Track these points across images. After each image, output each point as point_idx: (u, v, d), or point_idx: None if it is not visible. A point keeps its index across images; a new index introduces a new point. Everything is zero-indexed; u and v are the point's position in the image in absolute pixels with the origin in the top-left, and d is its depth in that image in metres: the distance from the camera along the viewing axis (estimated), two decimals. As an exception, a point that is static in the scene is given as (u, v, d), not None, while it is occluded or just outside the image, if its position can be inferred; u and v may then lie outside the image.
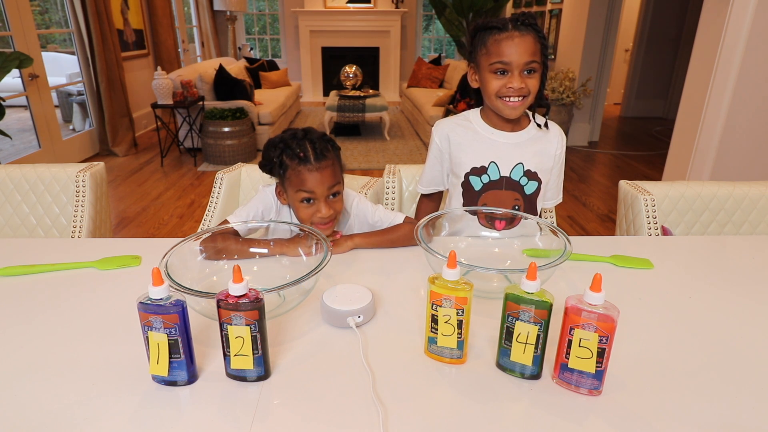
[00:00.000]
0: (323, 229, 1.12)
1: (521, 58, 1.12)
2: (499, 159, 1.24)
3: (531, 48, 1.12)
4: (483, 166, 1.25)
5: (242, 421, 0.64)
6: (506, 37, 1.12)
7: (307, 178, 1.08)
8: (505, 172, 1.24)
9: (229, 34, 7.15)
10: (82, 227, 1.39)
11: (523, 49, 1.11)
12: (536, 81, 1.15)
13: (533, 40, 1.12)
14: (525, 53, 1.12)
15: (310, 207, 1.10)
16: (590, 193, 3.76)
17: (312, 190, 1.08)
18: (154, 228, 3.08)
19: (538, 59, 1.13)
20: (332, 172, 1.10)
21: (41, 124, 3.83)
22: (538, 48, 1.13)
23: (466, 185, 1.27)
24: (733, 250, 1.17)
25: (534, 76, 1.15)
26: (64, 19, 4.38)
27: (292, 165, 1.09)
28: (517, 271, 0.82)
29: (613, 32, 4.68)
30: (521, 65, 1.12)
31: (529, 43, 1.12)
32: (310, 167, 1.07)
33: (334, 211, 1.11)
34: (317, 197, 1.09)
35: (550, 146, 1.27)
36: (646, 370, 0.74)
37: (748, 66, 2.26)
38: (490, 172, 1.25)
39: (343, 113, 5.12)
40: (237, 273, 0.67)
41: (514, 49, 1.11)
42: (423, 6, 7.89)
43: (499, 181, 1.25)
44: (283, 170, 1.11)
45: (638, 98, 6.53)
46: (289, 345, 0.80)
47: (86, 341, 0.80)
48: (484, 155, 1.24)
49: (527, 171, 1.24)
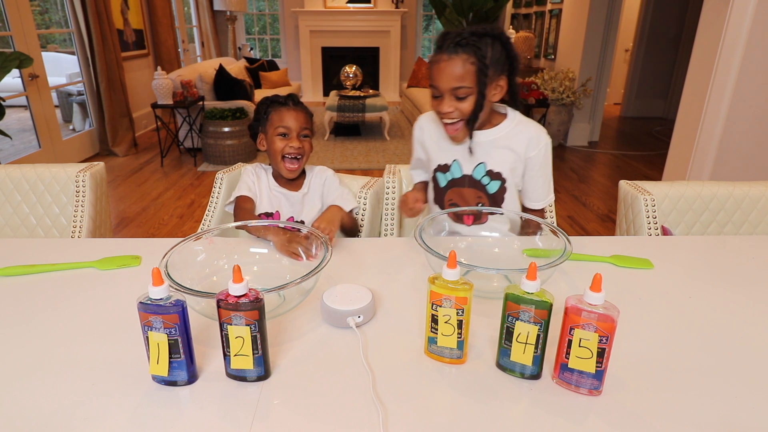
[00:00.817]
0: (290, 168, 1.33)
1: (447, 83, 1.10)
2: (462, 157, 1.25)
3: (458, 73, 1.08)
4: (447, 164, 1.27)
5: (242, 421, 0.64)
6: (435, 61, 1.11)
7: (285, 115, 1.32)
8: (467, 170, 1.26)
9: (229, 34, 7.15)
10: (82, 227, 1.39)
11: (448, 75, 1.09)
12: (469, 104, 1.12)
13: (463, 63, 1.08)
14: (451, 79, 1.09)
15: (284, 140, 1.32)
16: (590, 193, 3.76)
17: (288, 125, 1.31)
18: (154, 228, 3.08)
19: (469, 83, 1.09)
20: (305, 117, 1.35)
21: (41, 124, 3.83)
22: (470, 70, 1.08)
23: (434, 181, 1.32)
24: (733, 250, 1.17)
25: (467, 101, 1.12)
26: (64, 19, 4.38)
27: (274, 108, 1.34)
28: (517, 271, 0.82)
29: (613, 32, 4.68)
30: (449, 90, 1.11)
31: (455, 67, 1.08)
32: (288, 108, 1.33)
33: (302, 147, 1.33)
34: (291, 131, 1.32)
35: (519, 148, 1.22)
36: (646, 370, 0.74)
37: (748, 66, 2.26)
38: (453, 170, 1.27)
39: (343, 113, 5.12)
40: (237, 273, 0.67)
41: (441, 74, 1.10)
42: (423, 6, 7.89)
43: (462, 179, 1.27)
44: (267, 115, 1.35)
45: (638, 98, 6.53)
46: (289, 345, 0.80)
47: (86, 341, 0.80)
48: (449, 153, 1.27)
49: (489, 171, 1.24)
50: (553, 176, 1.31)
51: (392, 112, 6.69)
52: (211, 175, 4.05)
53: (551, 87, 4.65)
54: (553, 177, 1.31)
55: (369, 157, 4.65)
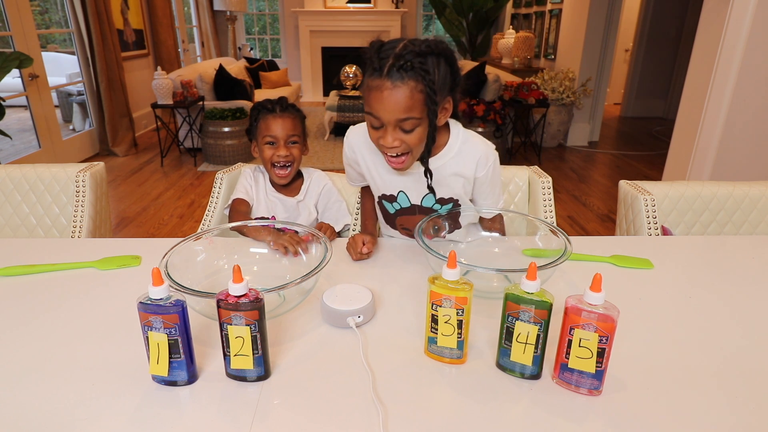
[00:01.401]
0: (280, 175, 1.34)
1: (392, 115, 0.93)
2: (408, 189, 1.14)
3: (405, 103, 0.91)
4: (392, 194, 1.16)
5: (242, 421, 0.64)
6: (377, 87, 0.92)
7: (271, 123, 1.33)
8: (415, 200, 1.15)
9: (229, 34, 7.15)
10: (82, 227, 1.39)
11: (393, 106, 0.92)
12: (417, 136, 0.96)
13: (410, 92, 0.90)
14: (396, 110, 0.92)
15: (271, 148, 1.33)
16: (590, 193, 3.76)
17: (274, 134, 1.32)
18: (154, 228, 3.08)
19: (417, 113, 0.93)
20: (293, 123, 1.34)
21: (41, 124, 3.83)
22: (418, 100, 0.91)
23: (381, 206, 1.22)
24: (733, 250, 1.17)
25: (414, 132, 0.96)
26: (64, 19, 4.38)
27: (263, 116, 1.35)
28: (517, 271, 0.82)
29: (613, 32, 4.68)
30: (393, 122, 0.94)
31: (402, 96, 0.91)
32: (274, 115, 1.33)
33: (290, 154, 1.34)
34: (278, 140, 1.32)
35: (468, 171, 1.10)
36: (646, 370, 0.74)
37: (748, 66, 2.26)
38: (399, 200, 1.16)
39: (343, 113, 5.12)
40: (237, 273, 0.67)
41: (383, 105, 0.92)
42: (423, 6, 7.89)
43: (411, 208, 1.17)
44: (257, 122, 1.36)
45: (638, 98, 6.52)
46: (289, 345, 0.80)
47: (86, 341, 0.80)
48: (393, 184, 1.14)
49: (440, 199, 1.13)
50: (553, 176, 1.30)
51: (392, 112, 6.67)
52: (211, 175, 4.05)
53: (551, 87, 4.65)
54: (553, 177, 1.30)
55: (369, 157, 4.65)
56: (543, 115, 4.55)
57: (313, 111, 6.81)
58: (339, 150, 4.85)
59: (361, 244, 1.08)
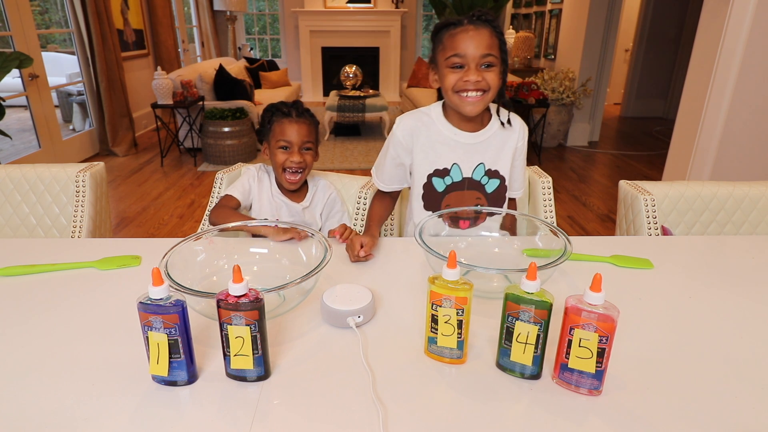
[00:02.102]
0: (291, 180, 1.33)
1: (477, 50, 1.08)
2: (461, 160, 1.22)
3: (487, 41, 1.08)
4: (446, 168, 1.23)
5: (242, 421, 0.64)
6: (461, 31, 1.09)
7: (287, 128, 1.31)
8: (467, 173, 1.23)
9: (229, 34, 7.15)
10: (82, 227, 1.39)
11: (478, 42, 1.08)
12: (495, 75, 1.11)
13: (489, 35, 1.09)
14: (480, 46, 1.08)
15: (285, 153, 1.32)
16: (590, 193, 3.76)
17: (289, 139, 1.31)
18: (154, 228, 3.08)
19: (496, 53, 1.10)
20: (308, 129, 1.33)
21: (41, 124, 3.83)
22: (495, 43, 1.10)
23: (428, 186, 1.25)
24: (733, 250, 1.17)
25: (492, 71, 1.10)
26: (64, 19, 4.38)
27: (278, 119, 1.33)
28: (517, 271, 0.82)
29: (613, 32, 4.68)
30: (477, 58, 1.08)
31: (484, 36, 1.08)
32: (290, 119, 1.32)
33: (303, 160, 1.32)
34: (292, 145, 1.31)
35: (512, 142, 1.24)
36: (646, 370, 0.74)
37: (748, 66, 2.26)
38: (452, 173, 1.23)
39: (343, 113, 5.12)
40: (237, 273, 0.67)
41: (469, 42, 1.08)
42: (423, 6, 7.89)
43: (462, 182, 1.24)
44: (271, 125, 1.34)
45: (638, 98, 6.52)
46: (289, 345, 0.80)
47: (86, 341, 0.80)
48: (447, 157, 1.22)
49: (488, 170, 1.23)
50: (553, 176, 1.32)
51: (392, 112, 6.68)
52: (211, 175, 4.05)
53: (551, 87, 4.65)
54: (553, 177, 1.32)
55: (369, 157, 4.65)
56: (543, 115, 4.55)
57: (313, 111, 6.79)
58: (339, 150, 4.85)
59: (359, 246, 1.07)
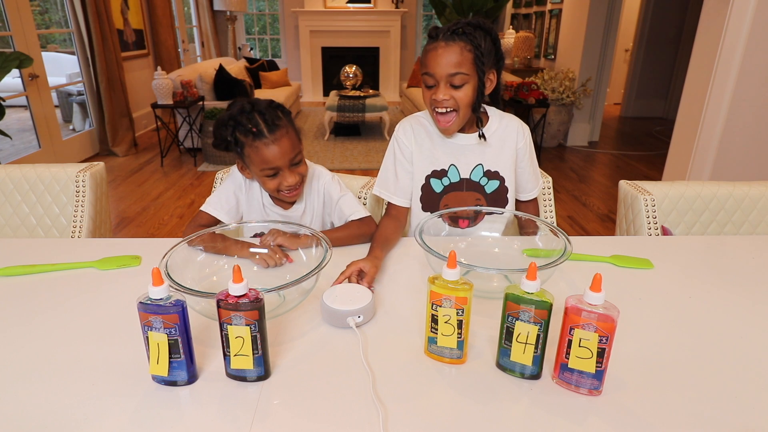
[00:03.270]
0: (291, 195, 1.17)
1: (444, 69, 1.07)
2: (458, 161, 1.23)
3: (455, 59, 1.06)
4: (443, 169, 1.24)
5: (242, 421, 0.64)
6: (432, 48, 1.09)
7: (266, 154, 1.09)
8: (464, 173, 1.24)
9: (229, 34, 7.15)
10: (82, 227, 1.39)
11: (446, 60, 1.07)
12: (466, 94, 1.10)
13: (460, 51, 1.06)
14: (448, 64, 1.07)
15: (275, 179, 1.13)
16: (590, 193, 3.76)
17: (274, 165, 1.10)
18: (154, 228, 3.08)
19: (467, 70, 1.07)
20: (289, 142, 1.12)
21: (41, 124, 3.83)
22: (467, 58, 1.07)
23: (426, 188, 1.26)
24: (733, 250, 1.17)
25: (462, 89, 1.09)
26: (64, 19, 4.38)
27: (248, 142, 1.10)
28: (517, 271, 0.82)
29: (613, 32, 4.68)
30: (445, 77, 1.08)
31: (454, 53, 1.06)
32: (266, 141, 1.09)
33: (299, 176, 1.15)
34: (281, 169, 1.12)
35: (510, 142, 1.24)
36: (646, 370, 0.74)
37: (748, 66, 2.26)
38: (450, 174, 1.24)
39: (343, 113, 5.12)
40: (237, 273, 0.67)
41: (438, 60, 1.07)
42: (423, 6, 7.89)
43: (460, 183, 1.24)
44: (240, 148, 1.12)
45: (638, 98, 6.52)
46: (289, 345, 0.80)
47: (86, 341, 0.80)
48: (444, 158, 1.23)
49: (487, 171, 1.24)
50: (553, 176, 1.32)
51: (392, 112, 6.68)
52: (211, 175, 4.05)
53: (551, 87, 4.65)
54: (553, 177, 1.32)
55: (369, 157, 4.65)
56: (543, 115, 4.55)
57: (313, 111, 6.81)
58: (339, 150, 4.85)
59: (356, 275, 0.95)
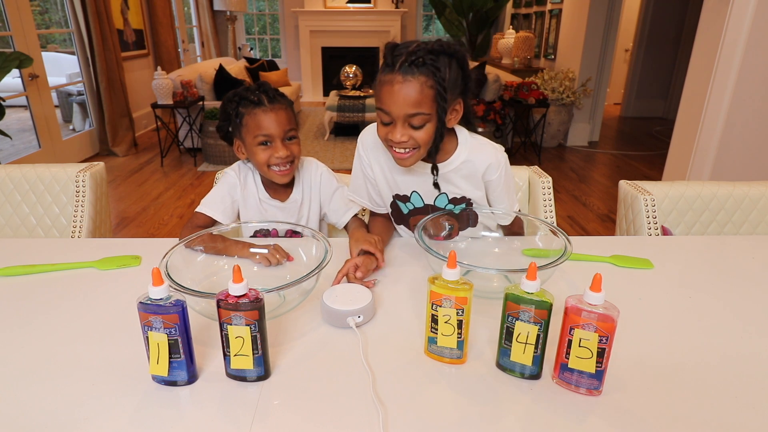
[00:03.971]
0: (282, 173, 1.17)
1: (401, 109, 0.93)
2: (421, 189, 1.14)
3: (414, 97, 0.92)
4: (405, 194, 1.16)
5: (242, 421, 0.64)
6: (387, 81, 0.93)
7: (263, 119, 1.12)
8: (428, 200, 1.15)
9: (229, 34, 7.15)
10: (82, 227, 1.39)
11: (403, 98, 0.92)
12: (426, 133, 0.97)
13: (420, 87, 0.91)
14: (406, 104, 0.93)
15: (267, 149, 1.14)
16: (590, 193, 3.76)
17: (268, 132, 1.12)
18: (154, 228, 3.08)
19: (427, 109, 0.93)
20: (287, 116, 1.15)
21: (41, 124, 3.83)
22: (428, 95, 0.92)
23: (395, 206, 1.20)
24: (733, 250, 1.17)
25: (423, 129, 0.96)
26: (64, 19, 4.38)
27: (248, 111, 1.13)
28: (517, 271, 0.82)
29: (613, 32, 4.68)
30: (402, 117, 0.95)
31: (413, 90, 0.91)
32: (264, 109, 1.12)
33: (290, 153, 1.15)
34: (273, 138, 1.13)
35: (478, 175, 1.11)
36: (646, 370, 0.74)
37: (748, 66, 2.26)
38: (413, 200, 1.16)
39: (343, 113, 5.12)
40: (237, 273, 0.67)
41: (393, 98, 0.93)
42: (423, 6, 7.89)
43: (425, 208, 1.16)
44: (240, 119, 1.14)
45: (638, 98, 6.52)
46: (289, 345, 0.80)
47: (86, 341, 0.80)
48: (406, 185, 1.14)
49: (453, 199, 1.14)
50: (553, 176, 1.30)
51: (392, 112, 6.67)
52: (211, 175, 4.05)
53: (551, 87, 4.65)
54: (553, 177, 1.30)
55: (369, 157, 4.65)
56: (543, 115, 4.55)
57: (313, 111, 6.81)
58: (339, 150, 4.85)
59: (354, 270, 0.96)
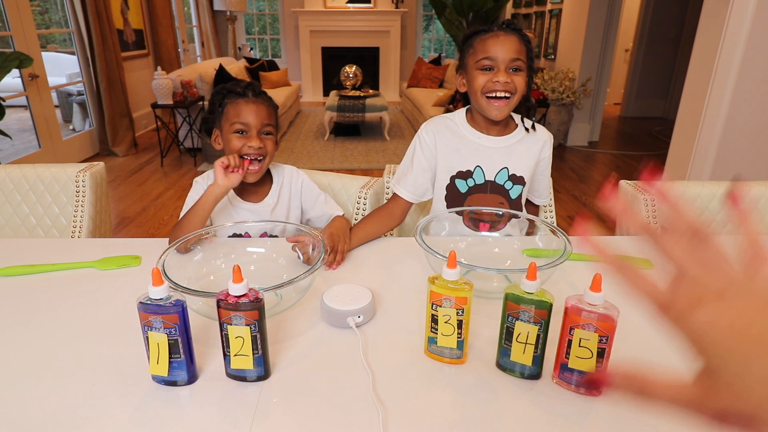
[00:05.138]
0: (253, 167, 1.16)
1: (506, 54, 1.14)
2: (485, 163, 1.24)
3: (516, 46, 1.14)
4: (468, 170, 1.25)
5: (242, 421, 0.64)
6: (492, 36, 1.15)
7: (243, 109, 1.15)
8: (490, 176, 1.25)
9: (229, 34, 7.15)
10: (82, 227, 1.39)
11: (507, 46, 1.14)
12: (522, 80, 1.16)
13: (518, 41, 1.15)
14: (510, 50, 1.14)
15: (241, 138, 1.15)
16: (590, 193, 3.76)
17: (245, 121, 1.15)
18: (154, 228, 3.08)
19: (523, 59, 1.15)
20: (267, 111, 1.18)
21: (41, 124, 3.83)
22: (523, 49, 1.16)
23: (451, 188, 1.27)
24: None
25: (520, 75, 1.16)
26: (64, 19, 4.38)
27: (231, 101, 1.17)
28: (517, 271, 0.82)
29: (613, 32, 4.68)
30: (506, 61, 1.14)
31: (513, 42, 1.14)
32: (246, 100, 1.16)
33: (263, 146, 1.16)
34: (250, 128, 1.15)
35: (536, 149, 1.26)
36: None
37: (748, 66, 2.26)
38: (475, 176, 1.25)
39: (343, 113, 5.12)
40: (237, 273, 0.67)
41: (500, 46, 1.14)
42: (423, 6, 7.89)
43: (484, 185, 1.26)
44: (222, 107, 1.18)
45: (638, 98, 6.52)
46: (289, 345, 0.80)
47: (86, 341, 0.80)
48: (470, 159, 1.25)
49: (512, 175, 1.25)
50: (553, 176, 1.34)
51: (392, 112, 6.68)
52: (211, 175, 4.04)
53: (551, 87, 4.65)
54: (553, 177, 1.34)
55: (369, 157, 4.65)
56: (543, 115, 4.55)
57: (313, 111, 6.81)
58: (339, 150, 4.85)
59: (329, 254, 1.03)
